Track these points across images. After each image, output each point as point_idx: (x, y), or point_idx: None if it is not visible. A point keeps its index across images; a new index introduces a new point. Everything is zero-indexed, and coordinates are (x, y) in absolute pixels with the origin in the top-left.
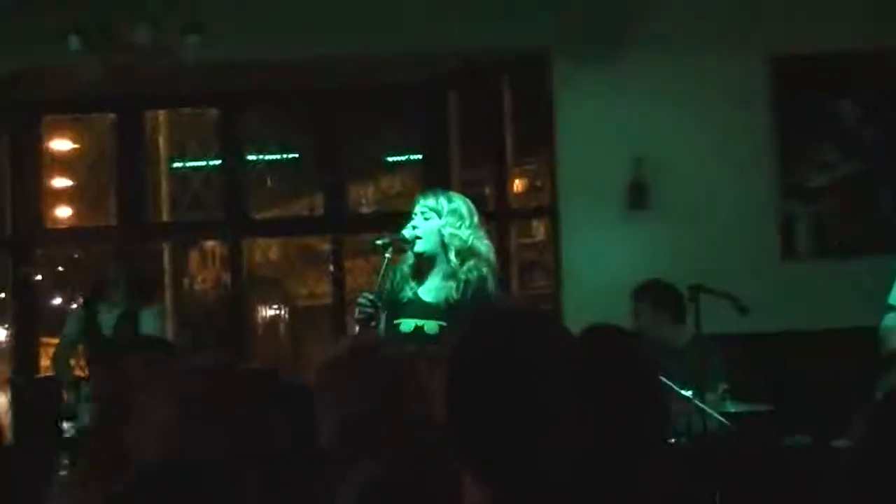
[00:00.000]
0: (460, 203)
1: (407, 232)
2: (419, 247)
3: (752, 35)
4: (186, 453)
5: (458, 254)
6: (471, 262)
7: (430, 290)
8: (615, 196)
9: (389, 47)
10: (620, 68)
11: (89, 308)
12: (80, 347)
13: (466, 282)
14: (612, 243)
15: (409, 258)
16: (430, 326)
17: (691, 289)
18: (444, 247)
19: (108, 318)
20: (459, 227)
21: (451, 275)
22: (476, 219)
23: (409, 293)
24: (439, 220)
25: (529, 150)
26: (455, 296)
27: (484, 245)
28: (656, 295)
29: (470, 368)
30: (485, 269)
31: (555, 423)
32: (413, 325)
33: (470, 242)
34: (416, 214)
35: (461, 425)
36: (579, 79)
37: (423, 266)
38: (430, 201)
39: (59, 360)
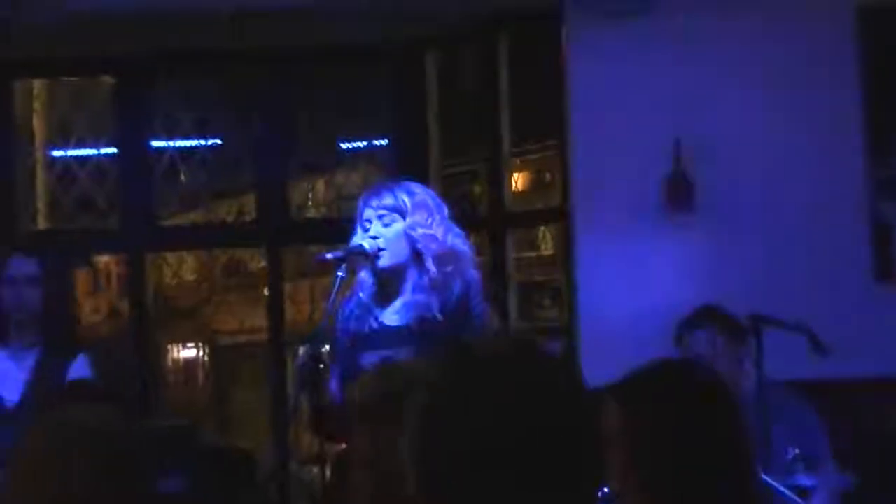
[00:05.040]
0: (424, 194)
1: (365, 242)
2: (384, 261)
3: None
4: None
5: (436, 259)
6: (449, 268)
7: (399, 310)
8: (648, 194)
9: None
10: (654, 23)
11: None
12: None
13: (447, 291)
14: (644, 258)
15: (367, 283)
16: (402, 356)
17: (751, 320)
18: (417, 254)
19: (8, 368)
20: (431, 225)
21: (428, 286)
22: (446, 211)
23: (371, 323)
24: (404, 221)
25: (533, 133)
26: (434, 312)
27: (462, 243)
28: (719, 324)
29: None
30: (468, 274)
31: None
32: (377, 358)
33: (449, 242)
34: (368, 221)
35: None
36: (599, 38)
37: (388, 285)
38: (388, 199)
39: None
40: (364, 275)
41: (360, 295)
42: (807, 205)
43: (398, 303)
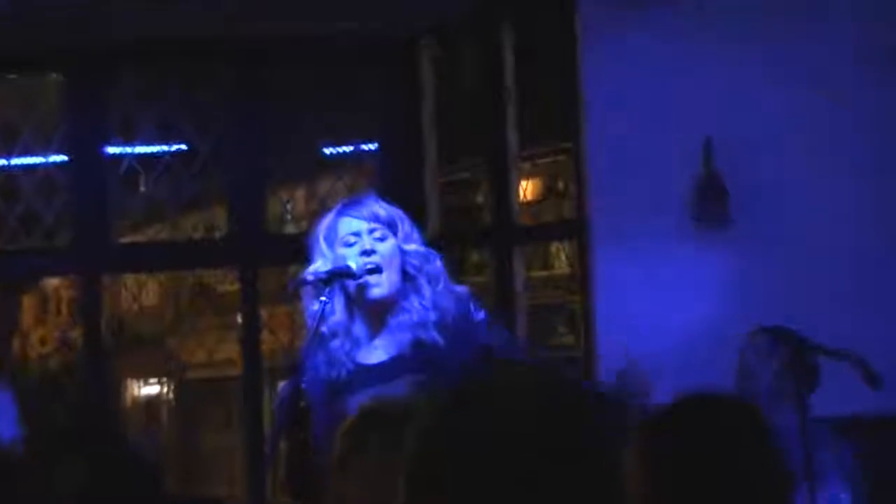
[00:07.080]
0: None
1: (352, 262)
2: (381, 290)
3: None
4: None
5: (430, 279)
6: (440, 286)
7: (381, 345)
8: (675, 204)
9: None
10: (681, 11)
11: None
12: None
13: (440, 310)
14: (671, 276)
15: (337, 321)
16: (397, 390)
17: (795, 347)
18: (410, 277)
19: None
20: (418, 241)
21: (421, 308)
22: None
23: (347, 365)
24: (395, 237)
25: (544, 134)
26: (432, 331)
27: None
28: (792, 349)
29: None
30: (458, 288)
31: None
32: (365, 398)
33: (439, 264)
34: (356, 234)
35: None
36: (618, 27)
37: (372, 318)
38: (379, 210)
39: None
40: (329, 315)
41: (324, 330)
42: (854, 217)
43: (379, 339)
